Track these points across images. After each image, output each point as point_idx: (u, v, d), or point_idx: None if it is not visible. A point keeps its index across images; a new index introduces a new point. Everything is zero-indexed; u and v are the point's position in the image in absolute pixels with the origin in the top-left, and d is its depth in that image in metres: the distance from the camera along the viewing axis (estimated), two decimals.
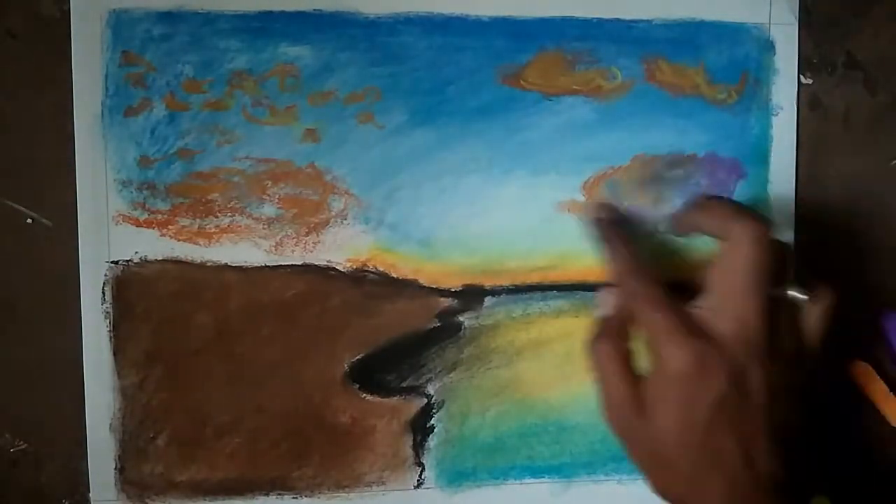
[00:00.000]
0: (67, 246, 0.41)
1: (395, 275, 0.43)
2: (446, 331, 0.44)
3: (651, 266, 0.39)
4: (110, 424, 0.42)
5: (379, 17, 0.42)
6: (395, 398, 0.44)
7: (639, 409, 0.37)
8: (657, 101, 0.44)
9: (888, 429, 0.48)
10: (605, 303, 0.40)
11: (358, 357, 0.43)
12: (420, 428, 0.44)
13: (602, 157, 0.44)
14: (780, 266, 0.38)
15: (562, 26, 0.43)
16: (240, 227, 0.42)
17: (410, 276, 0.43)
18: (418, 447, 0.44)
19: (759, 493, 0.36)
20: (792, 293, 0.39)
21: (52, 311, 0.41)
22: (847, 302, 0.47)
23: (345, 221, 0.43)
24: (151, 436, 0.42)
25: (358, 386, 0.43)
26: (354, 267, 0.43)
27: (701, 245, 0.45)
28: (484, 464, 0.44)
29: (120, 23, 0.40)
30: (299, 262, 0.42)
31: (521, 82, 0.43)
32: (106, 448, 0.42)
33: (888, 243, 0.47)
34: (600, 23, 0.44)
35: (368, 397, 0.43)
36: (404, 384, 0.44)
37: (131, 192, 0.41)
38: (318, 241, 0.43)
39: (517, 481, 0.45)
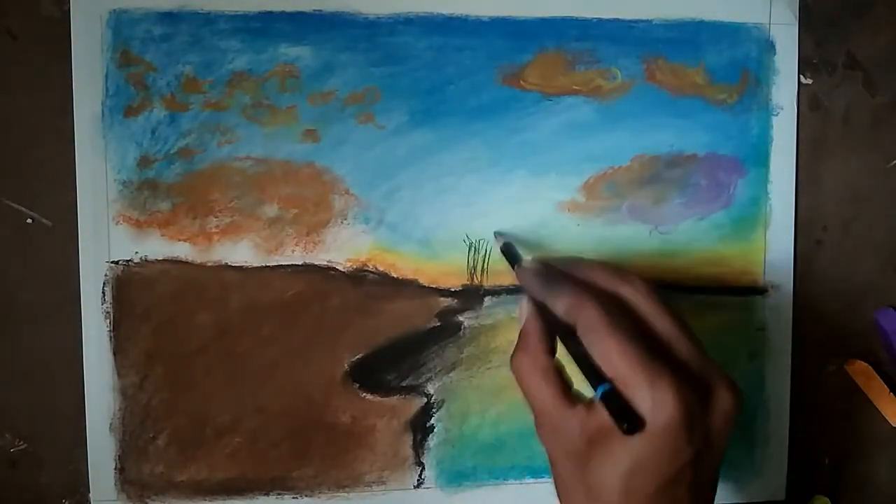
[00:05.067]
0: (67, 246, 0.41)
1: (395, 275, 0.43)
2: (446, 331, 0.44)
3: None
4: (110, 424, 0.42)
5: (379, 18, 0.42)
6: (395, 398, 0.44)
7: (580, 443, 0.32)
8: (657, 101, 0.44)
9: (888, 429, 0.48)
10: (525, 314, 0.36)
11: (358, 357, 0.43)
12: (420, 427, 0.44)
13: (602, 157, 0.44)
14: None
15: (562, 26, 0.43)
16: (240, 227, 0.42)
17: (410, 276, 0.43)
18: (418, 447, 0.44)
19: None
20: None
21: (53, 311, 0.41)
22: (846, 301, 0.47)
23: (345, 221, 0.43)
24: (151, 436, 0.42)
25: (358, 385, 0.43)
26: (354, 267, 0.43)
27: (702, 245, 0.45)
28: (484, 464, 0.44)
29: (120, 23, 0.40)
30: (299, 262, 0.42)
31: (521, 82, 0.43)
32: (106, 448, 0.42)
33: (887, 243, 0.47)
34: (600, 23, 0.44)
35: (368, 397, 0.43)
36: (404, 384, 0.44)
37: (131, 193, 0.41)
38: (318, 241, 0.43)
39: (517, 481, 0.45)
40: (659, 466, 0.30)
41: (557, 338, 0.35)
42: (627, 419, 0.30)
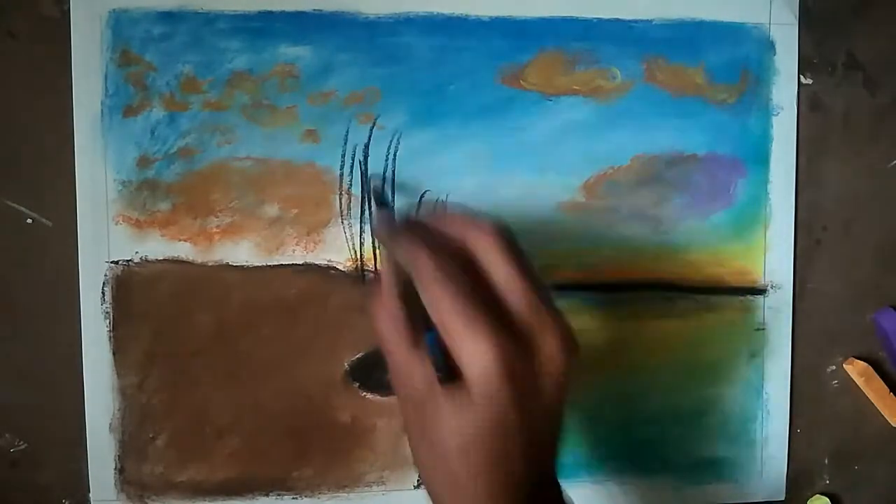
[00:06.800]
0: (67, 246, 0.41)
1: None
2: None
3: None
4: (110, 424, 0.42)
5: (379, 17, 0.42)
6: (395, 397, 0.44)
7: (420, 393, 0.31)
8: (657, 101, 0.44)
9: (888, 429, 0.48)
10: (383, 258, 0.35)
11: (358, 356, 0.43)
12: None
13: (602, 157, 0.44)
14: None
15: (562, 26, 0.43)
16: (240, 226, 0.42)
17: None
18: None
19: None
20: None
21: (52, 311, 0.41)
22: (846, 301, 0.47)
23: (345, 221, 0.43)
24: (151, 436, 0.42)
25: (358, 385, 0.43)
26: (354, 266, 0.43)
27: (702, 245, 0.45)
28: None
29: (120, 23, 0.40)
30: (300, 262, 0.42)
31: (521, 82, 0.43)
32: (106, 448, 0.42)
33: (887, 243, 0.47)
34: (600, 23, 0.44)
35: (368, 397, 0.43)
36: None
37: (131, 192, 0.41)
38: (319, 241, 0.43)
39: None
40: (484, 418, 0.29)
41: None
42: (443, 368, 0.30)
